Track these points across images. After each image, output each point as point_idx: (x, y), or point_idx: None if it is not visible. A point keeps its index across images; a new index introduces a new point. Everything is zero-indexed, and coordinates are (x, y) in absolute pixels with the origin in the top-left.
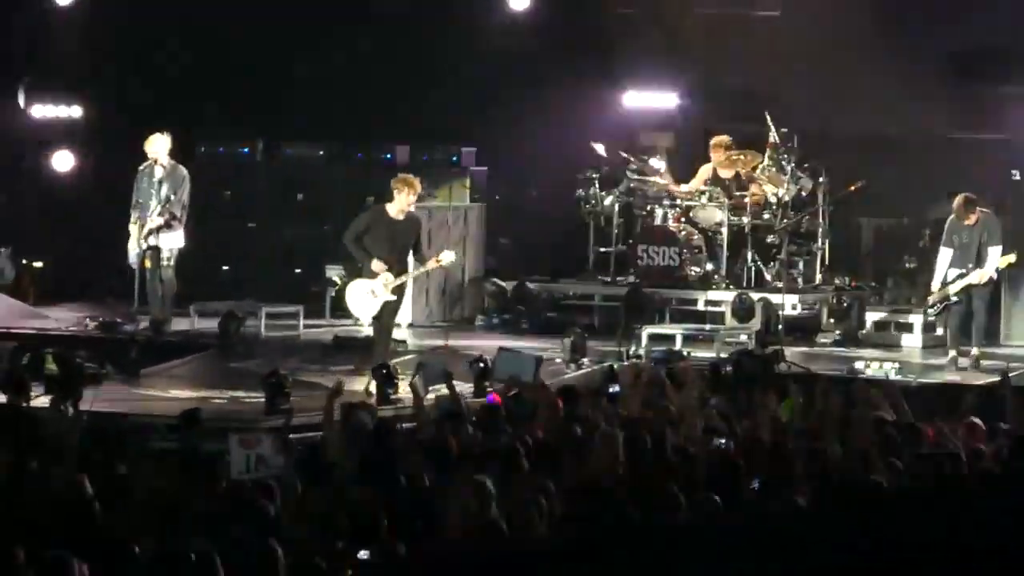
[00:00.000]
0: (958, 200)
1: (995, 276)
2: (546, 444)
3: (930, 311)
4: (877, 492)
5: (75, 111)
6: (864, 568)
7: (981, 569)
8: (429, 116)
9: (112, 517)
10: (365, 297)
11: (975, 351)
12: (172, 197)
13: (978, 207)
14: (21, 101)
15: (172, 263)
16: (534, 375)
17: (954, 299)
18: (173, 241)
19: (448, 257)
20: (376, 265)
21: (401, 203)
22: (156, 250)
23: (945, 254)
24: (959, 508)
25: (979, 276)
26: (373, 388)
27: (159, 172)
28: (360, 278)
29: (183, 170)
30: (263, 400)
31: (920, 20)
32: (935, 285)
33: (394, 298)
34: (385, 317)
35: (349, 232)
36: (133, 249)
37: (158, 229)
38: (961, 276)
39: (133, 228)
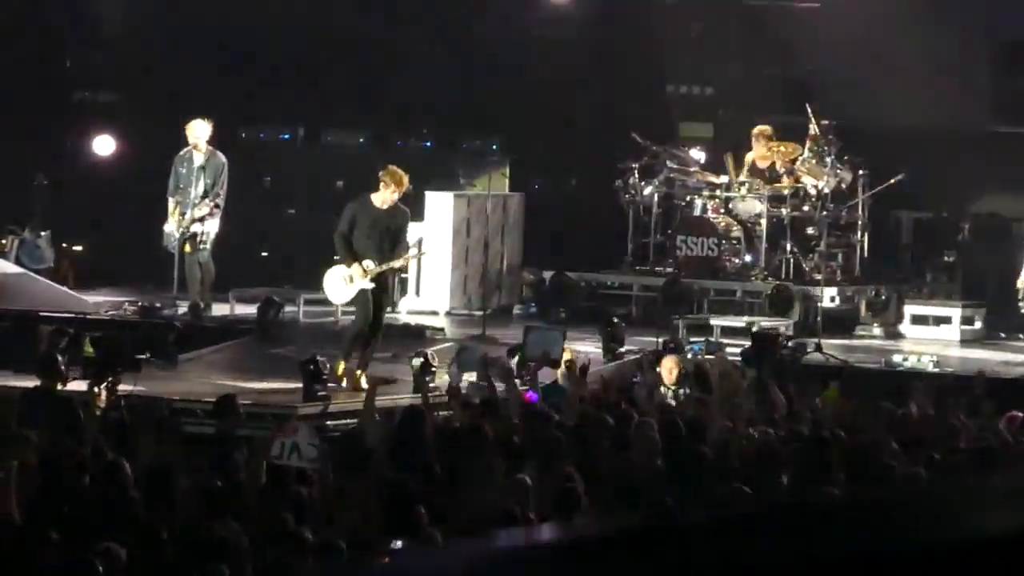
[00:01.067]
0: None
1: None
2: (581, 435)
3: (1022, 305)
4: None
5: (116, 96)
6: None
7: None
8: (469, 105)
9: (150, 502)
10: (340, 281)
11: None
12: (216, 186)
13: None
14: (63, 83)
15: (209, 247)
16: (561, 350)
17: None
18: (211, 227)
19: (413, 252)
20: (355, 268)
21: (385, 196)
22: (194, 236)
23: None
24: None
25: None
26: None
27: (199, 158)
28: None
29: (222, 157)
30: (301, 387)
31: (964, 10)
32: (1021, 282)
33: (370, 286)
34: (372, 307)
35: (341, 226)
36: (171, 233)
37: (202, 218)
38: None
39: (172, 213)
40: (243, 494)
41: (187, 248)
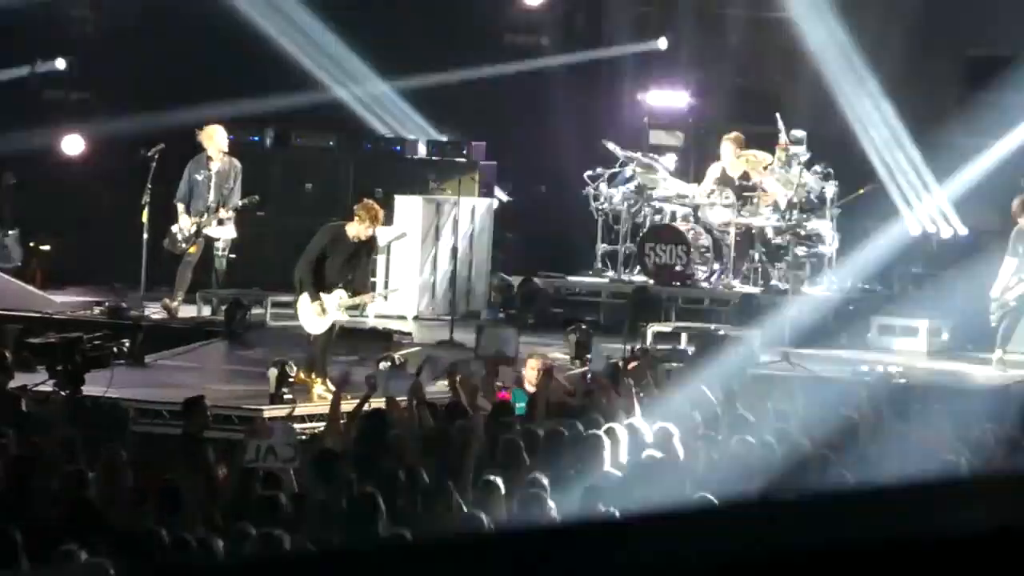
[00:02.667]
0: (1016, 202)
1: None
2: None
3: (992, 317)
4: None
5: (85, 94)
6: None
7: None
8: (439, 109)
9: (113, 505)
10: (313, 314)
11: (999, 353)
12: (231, 189)
13: None
14: (32, 83)
15: (227, 253)
16: (515, 348)
17: (1012, 304)
18: (228, 232)
19: (379, 298)
20: (328, 300)
21: (359, 230)
22: (210, 242)
23: (1009, 263)
24: None
25: None
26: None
27: (215, 165)
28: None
29: (238, 163)
30: (268, 389)
31: (935, 24)
32: (994, 292)
33: (344, 318)
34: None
35: (310, 254)
36: (177, 233)
37: (220, 223)
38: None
39: (183, 216)
40: (214, 497)
41: (192, 249)
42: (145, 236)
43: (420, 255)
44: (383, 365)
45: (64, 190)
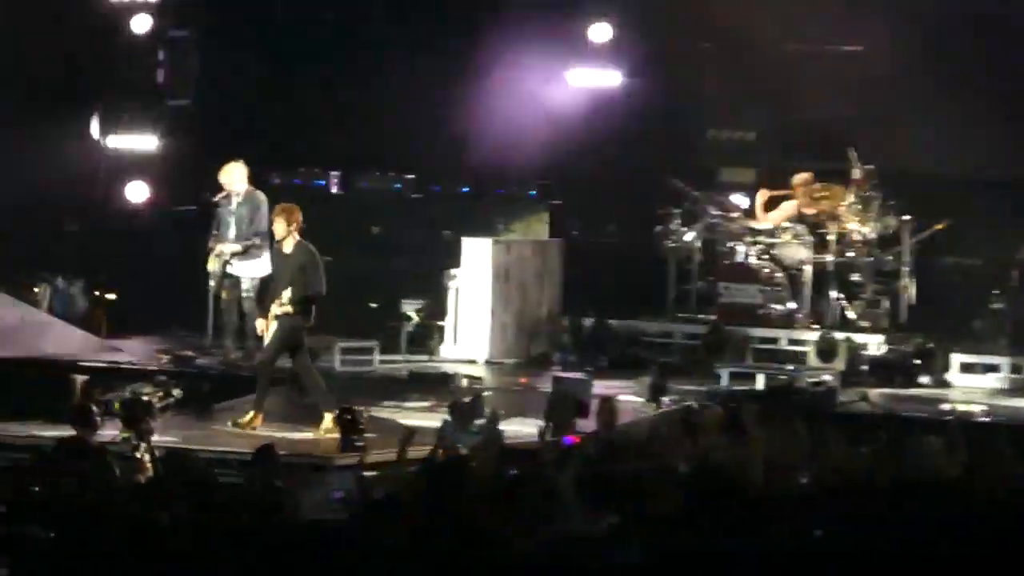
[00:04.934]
0: None
1: None
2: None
3: None
4: None
5: (149, 141)
6: None
7: None
8: (506, 151)
9: (187, 551)
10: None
11: None
12: (252, 224)
13: None
14: (95, 131)
15: (253, 294)
16: (588, 394)
17: None
18: (254, 269)
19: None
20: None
21: (279, 232)
22: (236, 281)
23: None
24: None
25: None
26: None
27: (235, 200)
28: None
29: (260, 195)
30: (338, 437)
31: (1011, 55)
32: None
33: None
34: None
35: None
36: (211, 278)
37: (234, 255)
38: None
39: (213, 259)
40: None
41: (225, 294)
42: (211, 283)
43: (490, 297)
44: (454, 411)
45: (129, 239)
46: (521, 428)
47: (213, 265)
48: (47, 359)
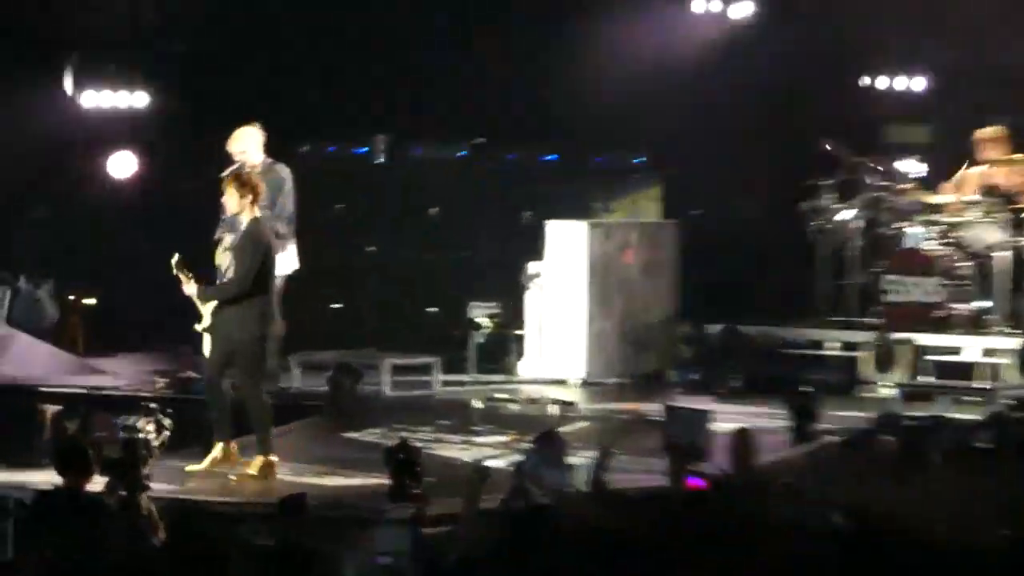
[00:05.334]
0: None
1: None
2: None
3: None
4: None
5: (138, 99)
6: None
7: None
8: (605, 107)
9: None
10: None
11: None
12: (274, 208)
13: None
14: (68, 87)
15: (275, 294)
16: (704, 433)
17: None
18: (278, 265)
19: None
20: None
21: (232, 208)
22: None
23: None
24: None
25: None
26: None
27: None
28: None
29: (283, 169)
30: (387, 483)
31: None
32: None
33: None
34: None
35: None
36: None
37: None
38: None
39: (220, 251)
40: None
41: None
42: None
43: (587, 298)
44: (540, 447)
45: (112, 226)
46: (628, 468)
47: (222, 260)
48: (6, 383)
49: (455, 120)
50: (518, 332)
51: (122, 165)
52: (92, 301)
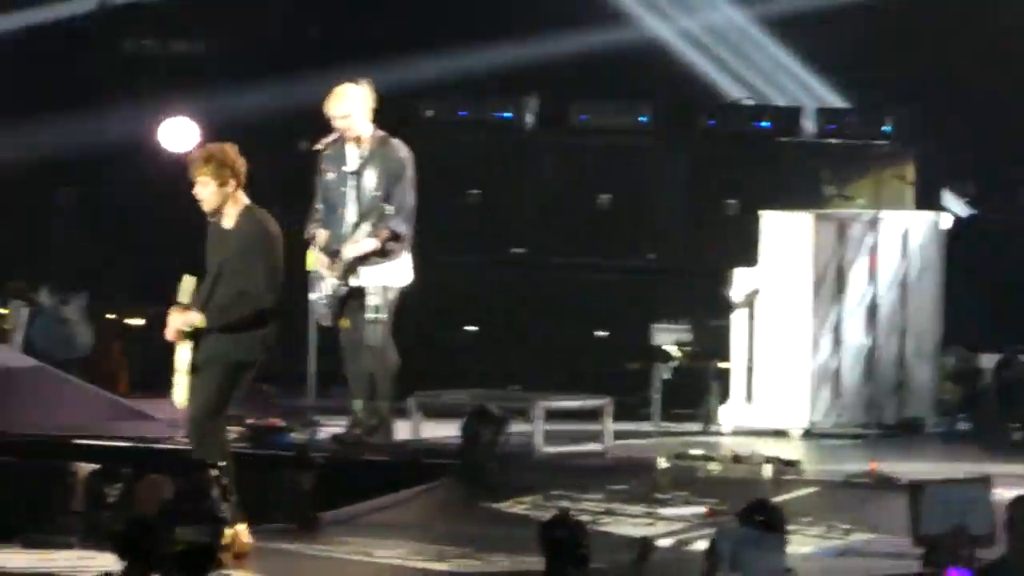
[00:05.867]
0: None
1: None
2: None
3: None
4: None
5: (194, 44)
6: None
7: None
8: (826, 58)
9: None
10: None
11: None
12: (390, 199)
13: None
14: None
15: (387, 317)
16: (990, 519)
17: None
18: (389, 277)
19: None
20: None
21: (208, 197)
22: (359, 298)
23: None
24: None
25: None
26: None
27: (353, 154)
28: None
29: (401, 148)
30: (544, 572)
31: None
32: None
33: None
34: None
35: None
36: (318, 295)
37: (363, 258)
38: None
39: (315, 256)
40: None
41: (344, 321)
42: (313, 298)
43: (811, 315)
44: (748, 520)
45: (163, 218)
46: (867, 551)
47: (319, 267)
48: (25, 435)
49: (633, 75)
50: (720, 365)
51: (177, 134)
52: (138, 322)
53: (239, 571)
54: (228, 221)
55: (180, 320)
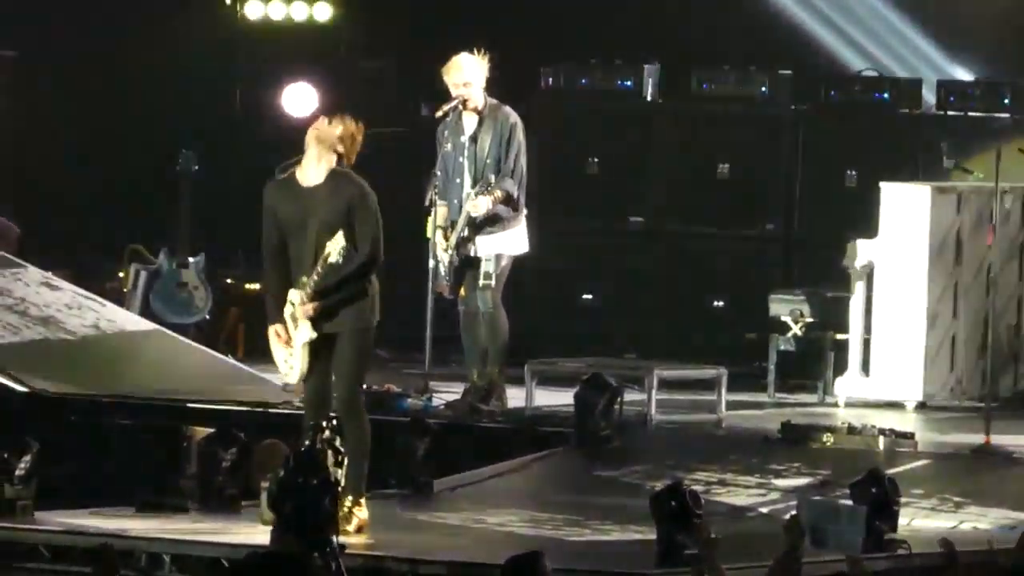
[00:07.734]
0: None
1: None
2: None
3: None
4: None
5: (320, 10)
6: None
7: None
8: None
9: None
10: (276, 340)
11: None
12: (501, 163)
13: None
14: None
15: (498, 284)
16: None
17: None
18: (502, 245)
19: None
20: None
21: (311, 157)
22: (474, 266)
23: None
24: None
25: None
26: None
27: (471, 123)
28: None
29: (511, 115)
30: (654, 539)
31: None
32: None
33: (311, 336)
34: (312, 375)
35: (263, 241)
36: (436, 263)
37: (477, 227)
38: None
39: (434, 228)
40: None
41: (462, 291)
42: (432, 263)
43: (927, 291)
44: (858, 495)
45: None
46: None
47: (438, 236)
48: (138, 399)
49: (754, 45)
50: (837, 336)
51: (299, 100)
52: (256, 286)
53: (353, 536)
54: (313, 178)
55: (309, 309)
